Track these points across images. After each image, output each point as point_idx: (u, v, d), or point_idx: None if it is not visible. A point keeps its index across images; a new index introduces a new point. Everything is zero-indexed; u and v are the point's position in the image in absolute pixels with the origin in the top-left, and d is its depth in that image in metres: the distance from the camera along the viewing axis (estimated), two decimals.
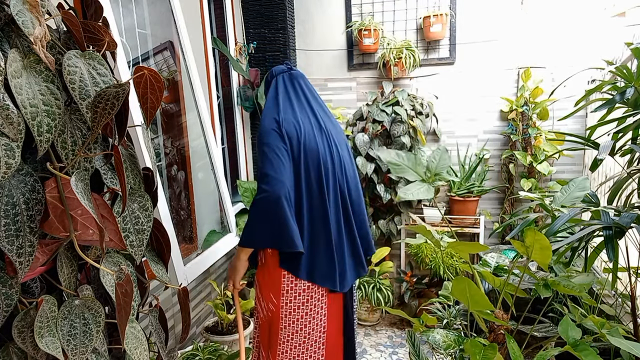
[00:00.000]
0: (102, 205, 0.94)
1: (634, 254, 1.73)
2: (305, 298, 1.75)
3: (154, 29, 2.44)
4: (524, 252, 1.42)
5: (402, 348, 3.10)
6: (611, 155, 1.55)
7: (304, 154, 1.66)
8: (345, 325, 1.88)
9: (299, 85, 1.82)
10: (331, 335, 1.84)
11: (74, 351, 0.89)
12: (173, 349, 2.31)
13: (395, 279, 3.52)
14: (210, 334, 2.61)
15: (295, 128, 1.67)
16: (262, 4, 3.28)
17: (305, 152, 1.66)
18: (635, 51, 1.48)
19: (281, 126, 1.66)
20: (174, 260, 1.98)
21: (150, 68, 1.03)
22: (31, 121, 0.82)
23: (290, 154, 1.64)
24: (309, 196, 1.69)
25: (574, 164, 3.20)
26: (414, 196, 1.56)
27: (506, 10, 3.17)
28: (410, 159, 1.68)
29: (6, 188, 0.82)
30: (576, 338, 1.38)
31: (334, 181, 1.73)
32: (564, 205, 1.68)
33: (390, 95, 3.37)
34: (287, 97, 1.78)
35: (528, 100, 3.11)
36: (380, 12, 3.40)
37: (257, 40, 3.33)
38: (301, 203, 1.67)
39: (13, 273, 0.84)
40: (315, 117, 1.75)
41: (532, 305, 1.83)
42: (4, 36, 0.87)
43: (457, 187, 3.27)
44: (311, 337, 1.79)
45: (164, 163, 2.46)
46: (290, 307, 1.75)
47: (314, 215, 1.70)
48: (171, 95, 2.55)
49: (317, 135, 1.70)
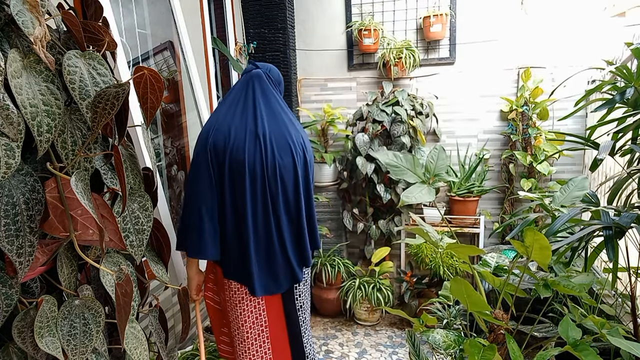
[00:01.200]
0: (102, 205, 0.94)
1: (634, 254, 1.73)
2: (240, 296, 1.84)
3: (154, 29, 2.44)
4: (523, 252, 1.42)
5: (402, 348, 3.10)
6: (611, 155, 1.55)
7: (228, 161, 1.73)
8: (288, 324, 1.92)
9: (251, 87, 1.84)
10: (275, 333, 1.90)
11: (74, 351, 0.89)
12: (173, 349, 2.31)
13: (395, 279, 3.52)
14: (210, 334, 2.61)
15: (224, 138, 1.74)
16: (262, 4, 3.28)
17: (230, 160, 1.73)
18: (635, 51, 1.48)
19: (209, 136, 1.75)
20: (174, 260, 1.98)
21: (150, 68, 1.03)
22: (31, 121, 0.82)
23: (213, 163, 1.74)
24: (231, 203, 1.76)
25: (574, 164, 3.20)
26: (416, 200, 1.55)
27: (506, 10, 3.17)
28: (408, 160, 1.67)
29: (6, 188, 0.82)
30: (576, 338, 1.38)
31: (263, 187, 1.76)
32: (563, 205, 1.68)
33: (390, 95, 3.37)
34: (234, 100, 1.83)
35: (528, 100, 3.11)
36: (380, 12, 3.40)
37: (257, 40, 3.33)
38: (224, 209, 1.76)
39: (13, 273, 0.84)
40: (255, 123, 1.78)
41: (532, 305, 1.82)
42: (4, 36, 0.87)
43: (457, 187, 3.27)
44: (252, 334, 1.87)
45: (164, 163, 2.46)
46: (229, 304, 1.86)
47: (235, 219, 1.78)
48: (171, 95, 2.55)
49: (248, 142, 1.75)
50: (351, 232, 3.66)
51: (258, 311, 1.85)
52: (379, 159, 1.64)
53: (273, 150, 1.76)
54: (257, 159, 1.74)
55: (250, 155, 1.73)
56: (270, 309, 1.87)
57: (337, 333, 3.33)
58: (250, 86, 1.83)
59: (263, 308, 1.85)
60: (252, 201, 1.75)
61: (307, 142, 1.89)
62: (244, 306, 1.83)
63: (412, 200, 1.55)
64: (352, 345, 3.16)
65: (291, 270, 1.85)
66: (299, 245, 1.87)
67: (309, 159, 1.89)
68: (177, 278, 1.98)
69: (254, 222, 1.76)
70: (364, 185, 3.46)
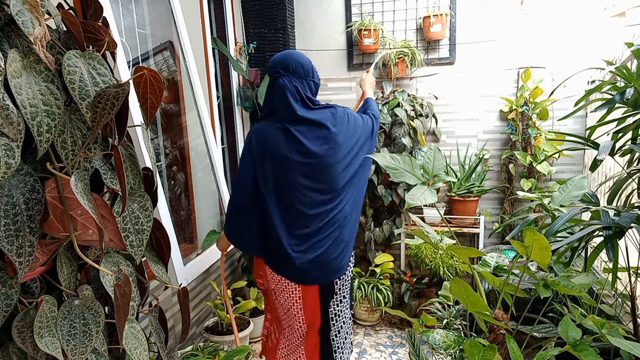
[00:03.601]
0: (102, 205, 0.94)
1: (634, 254, 1.73)
2: (281, 287, 1.92)
3: (154, 29, 2.44)
4: (523, 252, 1.42)
5: (402, 348, 3.10)
6: (611, 155, 1.55)
7: (270, 157, 1.84)
8: (322, 315, 1.97)
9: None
10: (309, 325, 1.97)
11: (73, 351, 0.89)
12: (173, 349, 2.31)
13: (395, 279, 3.52)
14: (210, 334, 2.62)
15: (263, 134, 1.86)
16: (262, 4, 3.28)
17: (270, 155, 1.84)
18: (635, 51, 1.48)
19: (252, 134, 1.88)
20: (174, 260, 1.98)
21: (150, 68, 1.03)
22: (31, 121, 0.82)
23: (255, 159, 1.85)
24: (274, 196, 1.86)
25: (574, 164, 3.20)
26: (420, 201, 1.55)
27: (506, 10, 3.17)
28: (406, 162, 1.67)
29: (6, 188, 0.82)
30: (576, 338, 1.38)
31: (293, 181, 1.84)
32: (562, 205, 1.67)
33: (391, 95, 3.37)
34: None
35: (528, 100, 3.11)
36: (380, 12, 3.40)
37: (257, 40, 3.33)
38: (267, 202, 1.86)
39: (13, 273, 0.84)
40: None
41: (532, 305, 1.83)
42: (3, 36, 0.87)
43: (457, 187, 3.27)
44: (291, 323, 1.97)
45: (164, 163, 2.46)
46: (273, 292, 1.96)
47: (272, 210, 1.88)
48: (171, 95, 2.55)
49: (281, 139, 1.84)
50: None
51: (294, 302, 1.93)
52: (377, 161, 1.64)
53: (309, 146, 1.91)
54: (289, 152, 1.89)
55: (283, 149, 1.90)
56: (306, 303, 1.93)
57: None
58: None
59: (299, 302, 1.92)
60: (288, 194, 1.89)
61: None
62: (284, 297, 1.94)
63: (417, 202, 1.55)
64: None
65: (325, 264, 1.90)
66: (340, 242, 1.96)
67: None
68: (176, 278, 1.99)
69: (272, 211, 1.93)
70: None
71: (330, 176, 1.85)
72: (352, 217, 1.96)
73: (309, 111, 1.83)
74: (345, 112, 1.93)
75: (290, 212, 1.85)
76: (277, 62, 1.85)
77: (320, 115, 1.84)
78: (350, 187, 1.92)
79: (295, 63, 1.83)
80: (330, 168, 1.84)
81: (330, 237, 1.88)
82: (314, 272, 1.87)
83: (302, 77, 1.84)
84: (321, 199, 1.85)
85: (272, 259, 1.91)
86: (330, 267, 1.90)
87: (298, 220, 1.85)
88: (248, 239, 1.90)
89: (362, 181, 2.00)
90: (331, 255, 1.89)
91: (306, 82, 1.85)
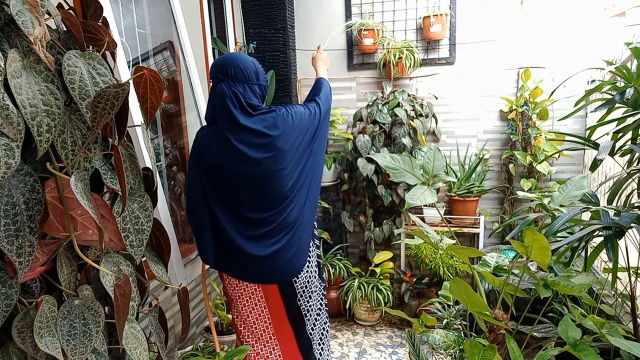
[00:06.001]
0: (102, 205, 0.94)
1: (634, 254, 1.73)
2: (241, 290, 1.95)
3: (154, 29, 2.44)
4: (523, 252, 1.42)
5: (402, 348, 3.10)
6: (611, 155, 1.55)
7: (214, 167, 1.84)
8: (289, 313, 1.99)
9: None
10: (277, 323, 1.99)
11: (73, 351, 0.89)
12: (173, 349, 2.31)
13: (395, 279, 3.52)
14: (210, 334, 2.61)
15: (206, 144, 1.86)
16: (262, 4, 3.28)
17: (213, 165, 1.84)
18: (635, 51, 1.48)
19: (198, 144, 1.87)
20: (174, 260, 1.98)
21: (150, 68, 1.03)
22: (31, 121, 0.82)
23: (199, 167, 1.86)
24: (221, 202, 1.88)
25: (574, 164, 3.20)
26: (420, 201, 1.55)
27: (506, 11, 3.17)
28: (406, 162, 1.67)
29: (6, 188, 0.82)
30: (576, 338, 1.38)
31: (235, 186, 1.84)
32: (562, 205, 1.68)
33: (391, 95, 3.37)
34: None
35: (528, 100, 3.11)
36: (380, 12, 3.40)
37: (257, 40, 3.33)
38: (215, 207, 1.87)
39: (13, 273, 0.84)
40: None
41: (532, 305, 1.82)
42: (4, 36, 0.87)
43: (457, 187, 3.27)
44: (258, 324, 1.99)
45: (164, 163, 2.46)
46: (233, 295, 1.99)
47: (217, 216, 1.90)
48: (171, 95, 2.55)
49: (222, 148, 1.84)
50: (351, 233, 3.66)
51: (257, 302, 1.96)
52: (377, 162, 1.64)
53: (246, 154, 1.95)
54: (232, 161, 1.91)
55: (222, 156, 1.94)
56: (269, 301, 1.95)
57: (337, 333, 3.33)
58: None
59: (261, 295, 1.94)
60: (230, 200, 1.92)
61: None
62: (246, 298, 1.96)
63: (417, 202, 1.55)
64: (352, 345, 3.16)
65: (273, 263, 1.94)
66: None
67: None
68: (177, 278, 1.99)
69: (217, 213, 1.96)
70: (364, 186, 3.46)
71: (277, 182, 1.82)
72: (306, 218, 1.94)
73: (249, 118, 1.77)
74: (289, 112, 1.86)
75: (239, 217, 1.85)
76: (216, 67, 1.79)
77: (261, 123, 1.78)
78: (302, 189, 1.90)
79: (234, 68, 1.75)
80: (275, 175, 1.81)
81: (282, 240, 1.88)
82: (271, 274, 1.90)
83: (244, 81, 1.76)
84: (268, 205, 1.84)
85: (228, 264, 1.93)
86: (287, 268, 1.92)
87: (247, 225, 1.85)
88: (204, 245, 1.92)
89: (317, 176, 1.98)
90: (285, 257, 1.89)
91: (248, 87, 1.77)
